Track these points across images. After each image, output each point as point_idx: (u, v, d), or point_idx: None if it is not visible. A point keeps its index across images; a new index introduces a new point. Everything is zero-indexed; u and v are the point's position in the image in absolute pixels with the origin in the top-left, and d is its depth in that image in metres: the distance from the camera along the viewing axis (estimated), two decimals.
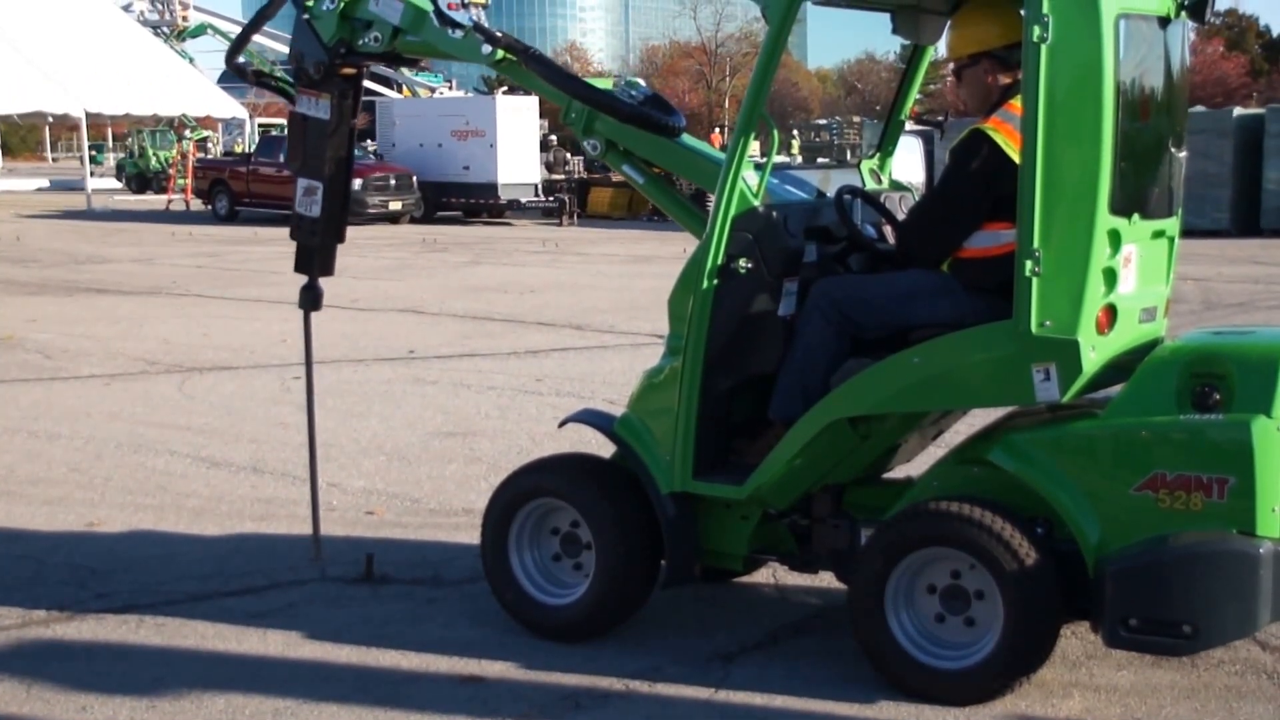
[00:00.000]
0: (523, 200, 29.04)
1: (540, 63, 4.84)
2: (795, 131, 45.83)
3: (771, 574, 5.42)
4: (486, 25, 4.85)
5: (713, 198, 4.48)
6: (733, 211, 4.45)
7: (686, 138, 4.81)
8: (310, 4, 5.29)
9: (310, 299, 5.70)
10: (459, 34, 4.88)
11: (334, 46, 5.26)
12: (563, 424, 5.14)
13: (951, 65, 4.60)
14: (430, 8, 4.89)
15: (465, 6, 4.83)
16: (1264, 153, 23.11)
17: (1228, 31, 70.57)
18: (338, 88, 5.35)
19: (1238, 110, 24.89)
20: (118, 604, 5.27)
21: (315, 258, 5.60)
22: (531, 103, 30.87)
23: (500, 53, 4.83)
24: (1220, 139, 22.84)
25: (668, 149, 4.76)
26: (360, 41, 5.24)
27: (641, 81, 4.82)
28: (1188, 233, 5.05)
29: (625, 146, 4.81)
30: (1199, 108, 26.28)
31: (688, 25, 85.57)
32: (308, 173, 5.47)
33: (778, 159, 4.87)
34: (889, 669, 4.29)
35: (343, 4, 5.20)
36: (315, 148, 5.43)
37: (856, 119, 48.88)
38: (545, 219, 29.14)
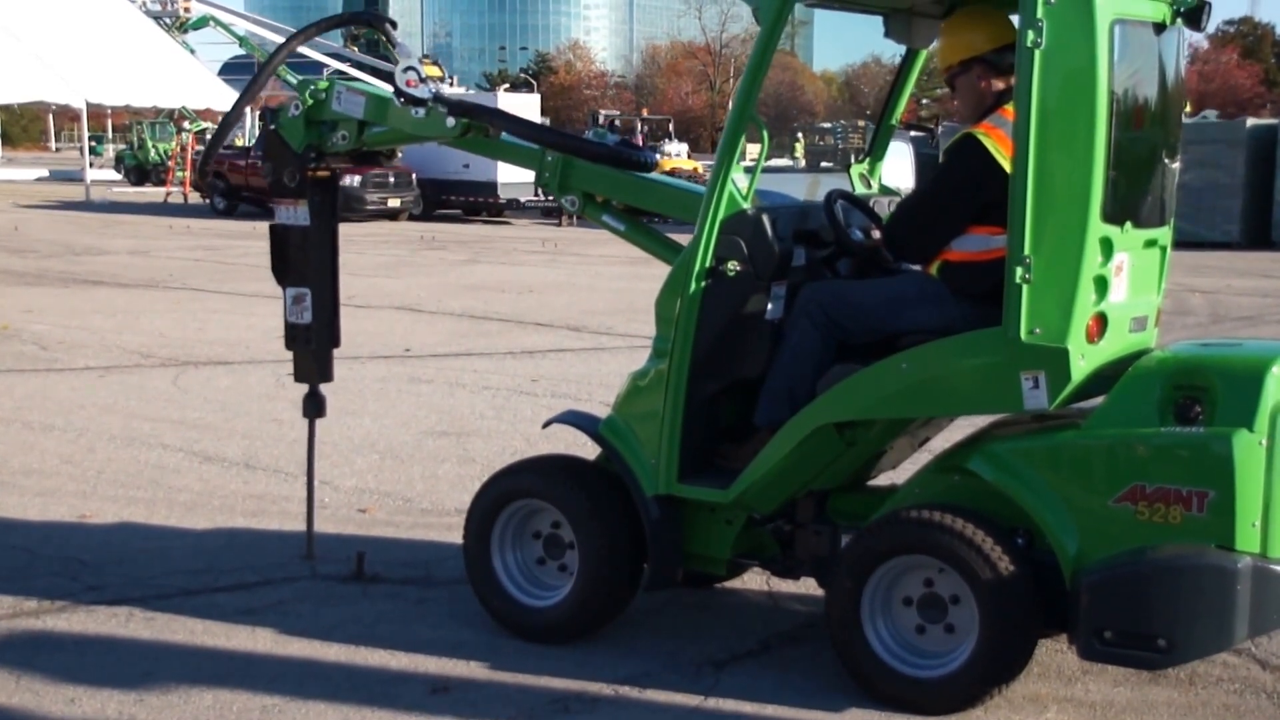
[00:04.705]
0: (522, 199, 28.97)
1: (505, 118, 4.94)
2: (799, 134, 45.71)
3: (765, 581, 5.41)
4: (446, 95, 4.92)
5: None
6: (721, 214, 4.45)
7: (660, 175, 4.85)
8: (278, 112, 5.36)
9: (315, 406, 5.66)
10: (422, 112, 4.94)
11: (304, 153, 5.32)
12: (546, 425, 5.14)
13: (945, 75, 4.61)
14: (390, 91, 4.93)
15: (424, 81, 4.89)
16: (1276, 164, 22.74)
17: (1242, 40, 69.92)
18: (313, 193, 5.38)
19: (1250, 121, 24.60)
20: (108, 597, 5.29)
21: (314, 364, 5.59)
22: (533, 101, 30.85)
23: (465, 121, 4.90)
24: (1232, 150, 22.42)
25: (644, 188, 4.78)
26: (329, 143, 5.32)
27: (609, 134, 4.95)
28: (1197, 244, 5.07)
29: (602, 196, 4.84)
30: (1205, 113, 26.08)
31: (692, 25, 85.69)
32: (294, 281, 5.46)
33: (773, 163, 4.90)
34: (865, 677, 4.28)
35: (307, 108, 5.26)
36: (299, 255, 5.44)
37: (861, 122, 48.79)
38: (544, 219, 29.11)
